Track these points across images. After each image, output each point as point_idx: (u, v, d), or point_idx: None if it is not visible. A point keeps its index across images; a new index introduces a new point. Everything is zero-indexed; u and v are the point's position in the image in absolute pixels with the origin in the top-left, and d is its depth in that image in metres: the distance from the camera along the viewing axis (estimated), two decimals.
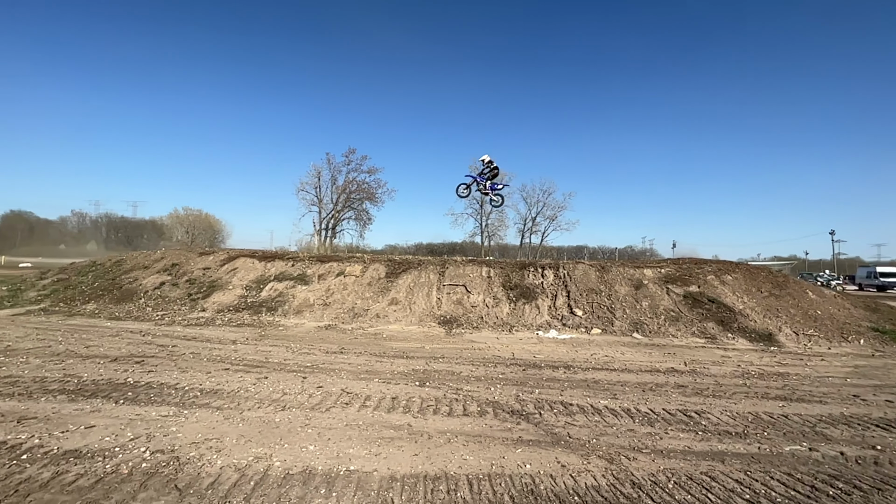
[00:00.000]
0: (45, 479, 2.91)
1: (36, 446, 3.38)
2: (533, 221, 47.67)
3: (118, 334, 8.04)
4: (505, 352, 7.52)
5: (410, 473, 3.16)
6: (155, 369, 5.69)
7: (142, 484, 2.89)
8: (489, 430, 4.03)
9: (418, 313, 10.38)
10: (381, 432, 3.90)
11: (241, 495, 2.80)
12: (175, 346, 7.11)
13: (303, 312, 10.49)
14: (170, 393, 4.77)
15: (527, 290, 11.16)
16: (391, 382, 5.45)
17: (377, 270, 12.17)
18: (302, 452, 3.44)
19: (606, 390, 5.36)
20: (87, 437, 3.59)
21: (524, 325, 9.79)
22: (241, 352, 6.92)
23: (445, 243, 69.61)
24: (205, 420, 4.04)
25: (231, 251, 14.20)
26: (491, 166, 12.10)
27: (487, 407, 4.63)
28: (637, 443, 3.79)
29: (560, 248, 58.67)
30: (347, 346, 7.69)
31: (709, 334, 9.02)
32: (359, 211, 41.48)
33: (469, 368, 6.30)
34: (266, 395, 4.79)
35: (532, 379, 5.80)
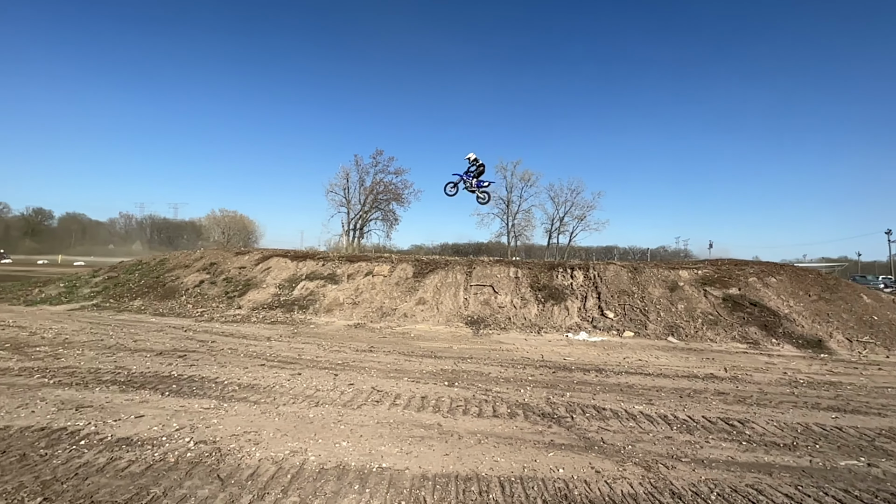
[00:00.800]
0: (101, 464, 3.11)
1: (92, 433, 3.62)
2: (560, 221, 46.88)
3: (162, 329, 8.48)
4: (534, 353, 7.42)
5: (442, 473, 3.17)
6: (196, 363, 5.96)
7: (187, 472, 3.04)
8: (520, 432, 3.98)
9: (445, 313, 10.41)
10: (411, 431, 3.93)
11: (278, 487, 2.89)
12: (214, 342, 7.44)
13: (333, 311, 10.73)
14: (210, 386, 4.99)
15: (555, 292, 10.97)
16: (420, 382, 5.49)
17: (405, 270, 12.29)
18: (335, 448, 3.51)
19: (641, 395, 5.18)
20: (136, 426, 3.81)
21: (553, 327, 9.62)
22: (275, 348, 7.15)
23: (471, 243, 69.49)
24: (243, 413, 4.20)
25: (265, 251, 14.70)
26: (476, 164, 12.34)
27: (517, 409, 4.58)
28: (675, 451, 3.64)
29: (589, 249, 57.36)
30: (376, 344, 7.81)
31: (751, 339, 8.57)
32: (386, 211, 42.06)
33: (498, 369, 6.25)
34: (300, 391, 4.93)
35: (562, 382, 5.70)
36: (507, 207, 45.88)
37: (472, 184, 12.49)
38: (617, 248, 70.12)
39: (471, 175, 12.51)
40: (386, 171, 40.24)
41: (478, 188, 12.61)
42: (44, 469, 3.01)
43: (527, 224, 46.49)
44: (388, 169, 40.29)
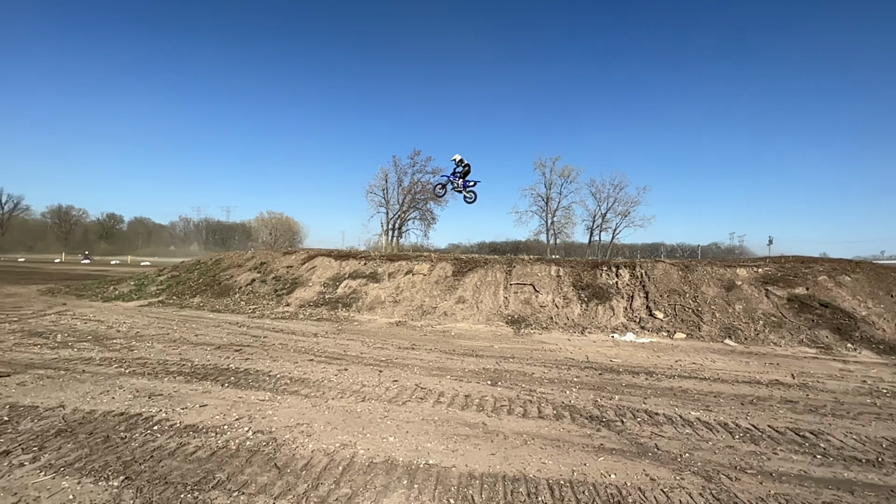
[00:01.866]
0: (172, 449, 3.36)
1: (163, 419, 3.92)
2: (603, 218, 45.25)
3: (219, 325, 9.06)
4: (578, 354, 7.21)
5: (489, 473, 3.15)
6: (251, 357, 6.31)
7: (247, 460, 3.22)
8: (567, 434, 3.88)
9: (485, 312, 10.35)
10: (456, 429, 3.94)
11: (331, 478, 2.99)
12: (266, 338, 7.84)
13: (375, 309, 10.99)
14: (264, 379, 5.26)
15: (599, 291, 10.60)
16: (463, 380, 5.49)
17: (444, 269, 12.36)
18: (383, 443, 3.59)
19: (697, 401, 4.89)
20: (201, 414, 4.08)
21: (597, 327, 9.30)
22: (322, 344, 7.43)
23: (509, 242, 68.64)
24: (295, 406, 4.39)
25: (310, 251, 15.31)
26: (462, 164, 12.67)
27: (564, 410, 4.47)
28: (739, 461, 3.40)
29: (633, 247, 54.92)
30: (418, 342, 7.90)
31: (821, 343, 7.85)
32: (423, 211, 42.49)
33: (541, 370, 6.13)
34: (347, 386, 5.08)
35: (610, 384, 5.49)
36: (546, 204, 44.93)
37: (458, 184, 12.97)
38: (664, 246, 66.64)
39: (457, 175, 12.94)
40: (423, 170, 40.65)
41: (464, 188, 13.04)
42: (124, 450, 3.30)
43: (567, 221, 45.30)
44: (426, 169, 40.65)
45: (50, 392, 4.53)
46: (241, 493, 2.77)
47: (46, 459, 3.11)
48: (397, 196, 41.72)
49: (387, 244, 35.47)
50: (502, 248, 63.97)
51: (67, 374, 5.16)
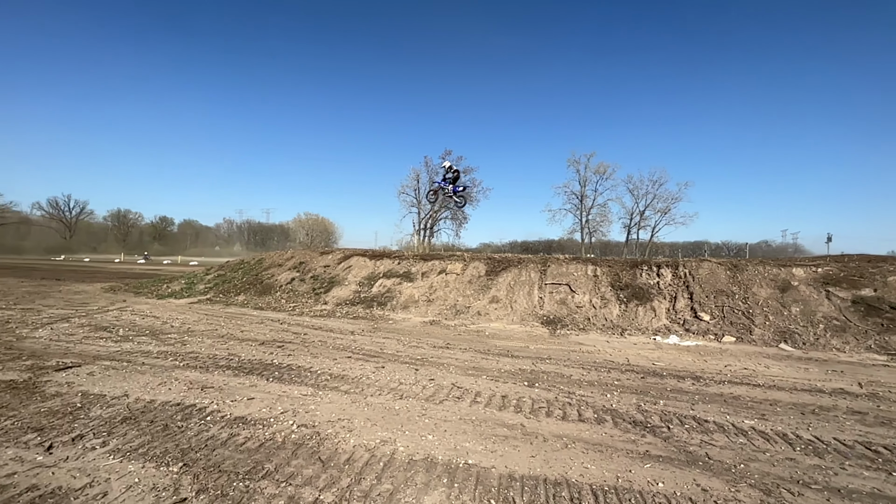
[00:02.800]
0: (224, 439, 3.54)
1: (215, 411, 4.14)
2: (641, 216, 43.67)
3: (262, 322, 9.47)
4: (618, 357, 6.97)
5: (529, 475, 3.10)
6: (293, 353, 6.55)
7: (293, 452, 3.34)
8: (610, 439, 3.76)
9: (520, 312, 10.23)
10: (494, 430, 3.91)
11: (373, 473, 3.05)
12: (306, 335, 8.11)
13: (409, 308, 11.11)
14: (306, 375, 5.44)
15: (639, 291, 10.20)
16: (499, 380, 5.45)
17: (477, 268, 12.31)
18: (422, 441, 3.62)
19: (751, 409, 4.60)
20: (249, 407, 4.28)
21: (638, 329, 8.96)
22: (359, 342, 7.60)
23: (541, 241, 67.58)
24: (336, 402, 4.51)
25: (346, 250, 15.71)
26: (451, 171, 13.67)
27: (605, 414, 4.33)
28: (802, 475, 3.17)
29: (674, 245, 52.62)
30: (452, 341, 7.92)
31: (892, 350, 7.18)
32: (455, 210, 42.51)
33: (579, 372, 5.98)
34: (385, 384, 5.17)
35: (653, 388, 5.27)
36: (581, 202, 43.89)
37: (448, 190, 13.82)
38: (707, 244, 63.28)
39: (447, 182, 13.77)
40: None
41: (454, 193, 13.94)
42: (181, 439, 3.51)
43: (602, 219, 44.05)
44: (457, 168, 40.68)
45: (115, 382, 4.90)
46: (288, 483, 2.88)
47: (114, 444, 3.37)
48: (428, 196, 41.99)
49: (419, 244, 35.80)
50: (535, 248, 63.05)
51: (129, 366, 5.56)
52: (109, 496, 2.68)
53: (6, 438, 3.39)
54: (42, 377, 4.97)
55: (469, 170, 40.64)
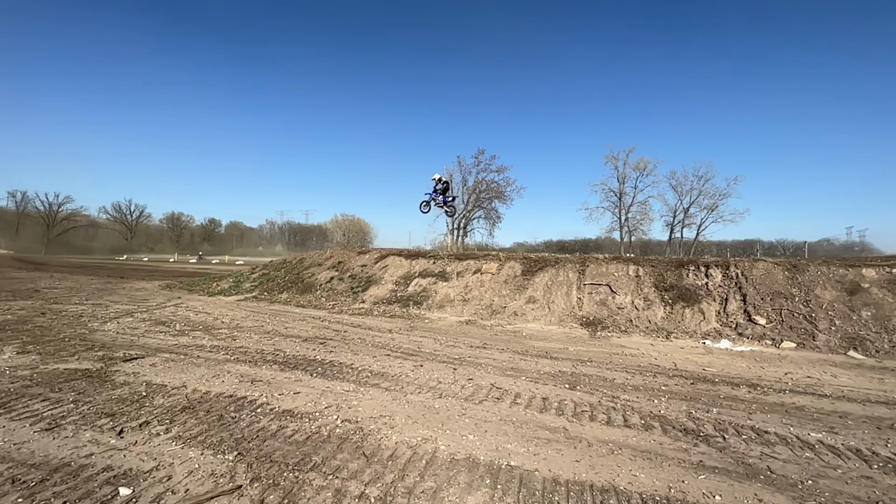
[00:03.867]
0: (273, 430, 3.70)
1: (264, 403, 4.33)
2: (685, 213, 41.55)
3: (304, 319, 9.82)
4: (664, 361, 6.66)
5: (574, 480, 3.02)
6: (334, 350, 6.75)
7: (338, 446, 3.43)
8: (659, 447, 3.59)
9: (557, 313, 10.00)
10: (536, 432, 3.84)
11: (415, 471, 3.08)
12: (346, 332, 8.34)
13: (444, 307, 11.16)
14: (348, 371, 5.58)
15: (686, 292, 9.70)
16: (539, 382, 5.35)
17: (513, 268, 12.17)
18: (463, 440, 3.61)
19: (817, 420, 4.25)
20: (295, 400, 4.45)
21: (685, 332, 8.52)
22: (396, 340, 7.71)
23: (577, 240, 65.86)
24: (377, 398, 4.60)
25: (382, 250, 16.00)
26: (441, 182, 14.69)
27: (653, 421, 4.14)
28: (882, 497, 2.88)
29: (722, 244, 49.69)
30: (489, 341, 7.87)
31: None
32: (488, 210, 42.30)
33: (623, 375, 5.76)
34: (423, 382, 5.21)
35: (705, 395, 4.99)
36: (620, 200, 42.33)
37: (439, 201, 14.93)
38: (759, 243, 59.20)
39: (437, 193, 14.82)
40: (488, 169, 40.50)
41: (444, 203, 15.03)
42: (234, 429, 3.70)
43: (643, 217, 42.24)
44: (490, 167, 40.45)
45: (174, 373, 5.24)
46: (335, 476, 2.96)
47: (176, 431, 3.60)
48: (462, 195, 41.97)
49: (452, 243, 35.91)
50: (570, 247, 61.54)
51: (186, 359, 5.94)
52: (174, 479, 2.87)
53: (84, 422, 3.71)
54: (112, 367, 5.41)
55: (502, 168, 40.27)
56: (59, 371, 5.16)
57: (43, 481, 2.78)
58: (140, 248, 76.59)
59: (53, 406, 4.05)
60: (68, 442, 3.34)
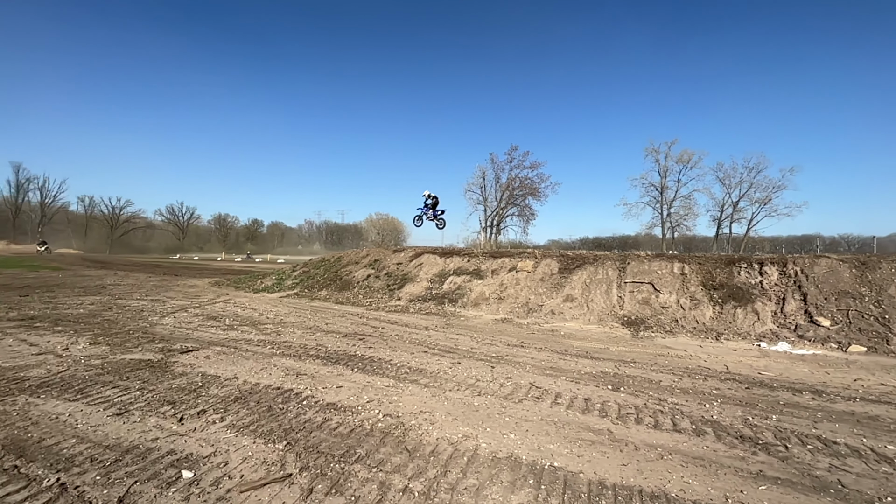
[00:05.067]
0: (319, 422, 3.83)
1: (309, 396, 4.49)
2: (734, 207, 39.17)
3: (343, 316, 10.10)
4: (715, 363, 6.30)
5: (622, 484, 2.92)
6: (373, 346, 6.90)
7: (381, 440, 3.50)
8: (713, 454, 3.40)
9: (597, 312, 9.71)
10: (579, 433, 3.74)
11: (458, 468, 3.08)
12: (384, 329, 8.50)
13: (479, 305, 11.12)
14: (387, 367, 5.69)
15: (737, 291, 9.13)
16: (580, 382, 5.21)
17: (549, 266, 11.94)
18: (504, 439, 3.58)
19: (894, 432, 3.87)
20: (338, 394, 4.58)
21: (737, 333, 8.02)
22: (433, 337, 7.77)
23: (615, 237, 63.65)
24: (416, 394, 4.65)
25: (417, 248, 16.17)
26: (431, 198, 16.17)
27: (705, 426, 3.93)
28: None
29: (776, 240, 46.36)
30: (526, 340, 7.76)
31: None
32: (522, 207, 41.75)
33: (670, 378, 5.51)
34: (462, 379, 5.22)
35: (762, 401, 4.67)
36: (661, 194, 40.54)
37: (430, 214, 16.33)
38: (820, 238, 54.66)
39: (428, 207, 16.35)
40: (521, 166, 39.98)
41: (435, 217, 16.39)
42: (283, 419, 3.86)
43: (687, 212, 40.25)
44: (524, 164, 39.91)
45: (226, 365, 5.55)
46: (379, 469, 3.02)
47: (230, 420, 3.81)
48: (495, 193, 41.68)
49: (485, 241, 35.72)
50: (608, 244, 59.58)
51: (236, 352, 6.26)
52: (230, 465, 3.04)
53: (150, 408, 4.00)
54: (171, 358, 5.80)
55: (536, 164, 39.59)
56: (126, 361, 5.60)
57: (116, 461, 3.03)
58: (191, 248, 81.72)
59: (122, 393, 4.40)
60: (136, 426, 3.62)
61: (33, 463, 2.97)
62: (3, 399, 4.15)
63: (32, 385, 4.58)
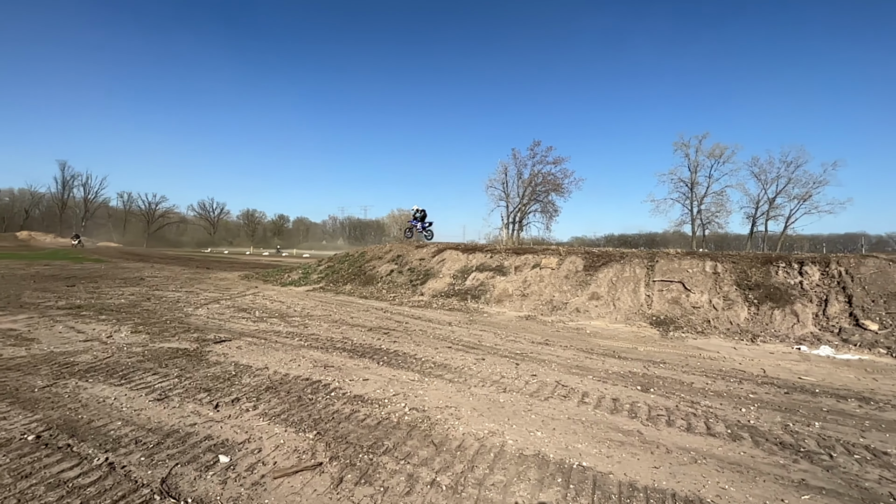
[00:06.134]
0: (347, 413, 3.90)
1: (337, 388, 4.58)
2: (770, 204, 37.42)
3: (367, 310, 10.25)
4: (750, 367, 6.05)
5: (653, 487, 2.84)
6: (398, 340, 6.97)
7: (408, 433, 3.54)
8: (751, 460, 3.27)
9: (624, 310, 9.48)
10: (607, 433, 3.67)
11: (484, 463, 3.08)
12: (407, 323, 8.57)
13: (503, 302, 11.06)
14: (412, 362, 5.74)
15: (775, 292, 8.72)
16: (607, 382, 5.11)
17: (574, 263, 11.73)
18: (531, 436, 3.55)
19: None
20: (365, 386, 4.65)
21: (774, 336, 7.67)
22: (456, 333, 7.78)
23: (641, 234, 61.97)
24: (441, 389, 4.68)
25: (439, 244, 16.21)
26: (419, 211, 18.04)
27: (741, 431, 3.78)
28: None
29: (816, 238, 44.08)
30: (551, 338, 7.66)
31: None
32: (545, 203, 41.20)
33: (702, 380, 5.33)
34: (486, 376, 5.20)
35: (803, 407, 4.45)
36: (691, 190, 39.16)
37: (419, 227, 18.17)
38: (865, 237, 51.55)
39: (417, 220, 18.24)
40: (544, 161, 39.43)
41: (423, 229, 18.12)
42: (312, 410, 3.96)
43: (719, 209, 38.74)
44: (547, 159, 39.34)
45: (257, 356, 5.73)
46: (406, 462, 3.06)
47: (262, 409, 3.93)
48: (517, 189, 41.28)
49: (507, 238, 35.46)
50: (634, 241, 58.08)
51: (266, 343, 6.45)
52: (263, 452, 3.14)
53: (187, 395, 4.18)
54: (205, 347, 6.04)
55: (559, 160, 38.98)
56: (164, 349, 5.86)
57: (158, 444, 3.18)
58: (221, 242, 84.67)
59: (162, 379, 4.61)
60: (175, 412, 3.79)
61: (84, 442, 3.16)
62: (56, 382, 4.43)
63: (81, 370, 4.86)
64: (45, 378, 4.54)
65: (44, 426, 3.40)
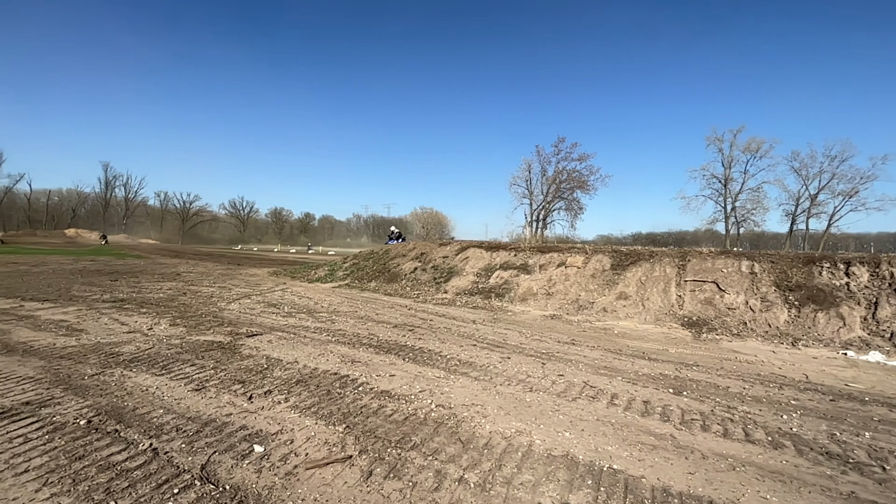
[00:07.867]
0: (375, 408, 3.96)
1: (364, 383, 4.66)
2: (812, 200, 35.43)
3: (392, 307, 10.36)
4: (791, 371, 5.76)
5: (689, 493, 2.75)
6: (422, 337, 7.01)
7: (435, 430, 3.55)
8: (794, 469, 3.11)
9: (653, 311, 9.21)
10: (638, 437, 3.58)
11: (512, 462, 3.06)
12: (432, 321, 8.61)
13: (527, 300, 10.95)
14: (437, 359, 5.76)
15: (818, 293, 8.26)
16: (637, 384, 4.98)
17: (600, 262, 11.47)
18: (559, 437, 3.51)
19: None
20: (391, 382, 4.71)
21: (817, 340, 7.27)
22: (481, 331, 7.76)
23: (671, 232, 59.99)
24: (467, 387, 4.67)
25: (462, 242, 16.20)
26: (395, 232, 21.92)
27: (783, 438, 3.61)
28: None
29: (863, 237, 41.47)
30: (577, 338, 7.53)
31: None
32: (569, 200, 40.49)
33: (738, 384, 5.11)
34: (512, 374, 5.17)
35: (851, 415, 4.21)
36: (725, 187, 37.58)
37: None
38: None
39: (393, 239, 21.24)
40: (569, 158, 38.77)
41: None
42: (341, 404, 4.04)
43: (755, 206, 37.01)
44: (571, 156, 38.65)
45: (287, 350, 5.89)
46: (434, 458, 3.07)
47: (293, 401, 4.04)
48: (541, 186, 40.75)
49: (531, 236, 35.03)
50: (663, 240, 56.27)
51: (295, 338, 6.63)
52: (295, 444, 3.22)
53: (223, 386, 4.35)
54: (238, 341, 6.26)
55: (585, 156, 38.19)
56: (201, 342, 6.11)
57: (197, 432, 3.32)
58: (250, 239, 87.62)
59: (199, 370, 4.82)
60: (212, 402, 3.94)
61: (130, 428, 3.34)
62: (103, 370, 4.70)
63: (125, 360, 5.14)
64: (93, 367, 4.82)
65: (94, 412, 3.62)
